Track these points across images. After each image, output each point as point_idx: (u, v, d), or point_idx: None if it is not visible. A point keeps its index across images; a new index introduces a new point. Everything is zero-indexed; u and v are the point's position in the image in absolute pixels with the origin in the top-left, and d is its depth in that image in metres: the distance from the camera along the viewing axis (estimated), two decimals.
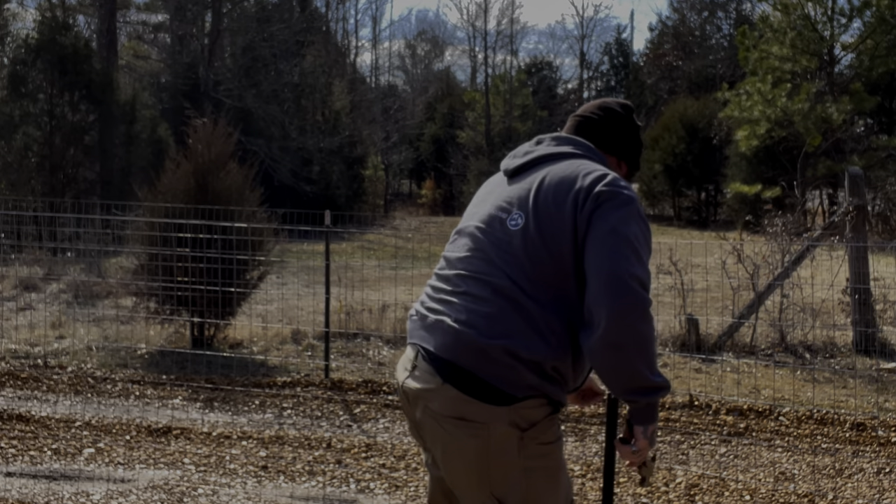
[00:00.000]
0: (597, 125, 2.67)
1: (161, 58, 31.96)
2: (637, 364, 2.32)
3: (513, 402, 2.35)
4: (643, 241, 2.39)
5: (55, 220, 11.49)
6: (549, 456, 2.47)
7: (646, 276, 2.34)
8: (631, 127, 2.71)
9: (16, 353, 8.06)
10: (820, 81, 22.58)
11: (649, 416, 2.38)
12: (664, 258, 8.81)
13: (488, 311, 2.37)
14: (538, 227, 2.40)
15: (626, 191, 2.43)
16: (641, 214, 2.43)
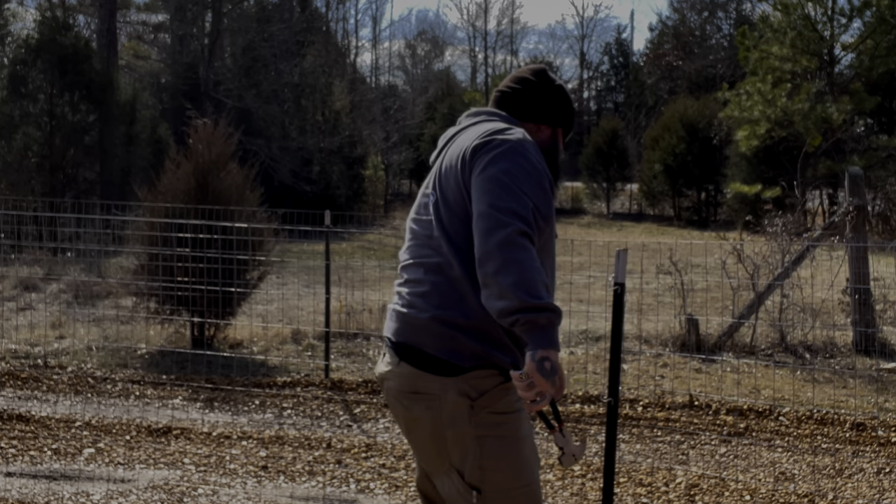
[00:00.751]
0: (511, 97, 2.75)
1: (161, 58, 31.97)
2: (509, 286, 2.30)
3: (460, 373, 2.47)
4: (518, 172, 2.42)
5: (55, 220, 11.49)
6: (503, 425, 2.51)
7: (517, 205, 2.37)
8: (544, 91, 2.75)
9: (16, 353, 8.06)
10: (820, 81, 22.58)
11: (537, 341, 2.30)
12: (664, 258, 8.81)
13: (423, 289, 2.53)
14: (444, 199, 2.54)
15: (502, 135, 2.50)
16: (520, 150, 2.47)
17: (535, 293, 2.30)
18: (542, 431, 6.05)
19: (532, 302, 2.29)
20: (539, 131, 2.72)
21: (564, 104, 2.79)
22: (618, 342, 3.42)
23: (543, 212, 2.44)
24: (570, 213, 33.69)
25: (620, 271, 3.40)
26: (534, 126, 2.71)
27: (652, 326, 8.81)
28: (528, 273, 2.31)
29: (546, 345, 2.31)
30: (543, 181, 2.47)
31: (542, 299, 2.30)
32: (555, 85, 2.76)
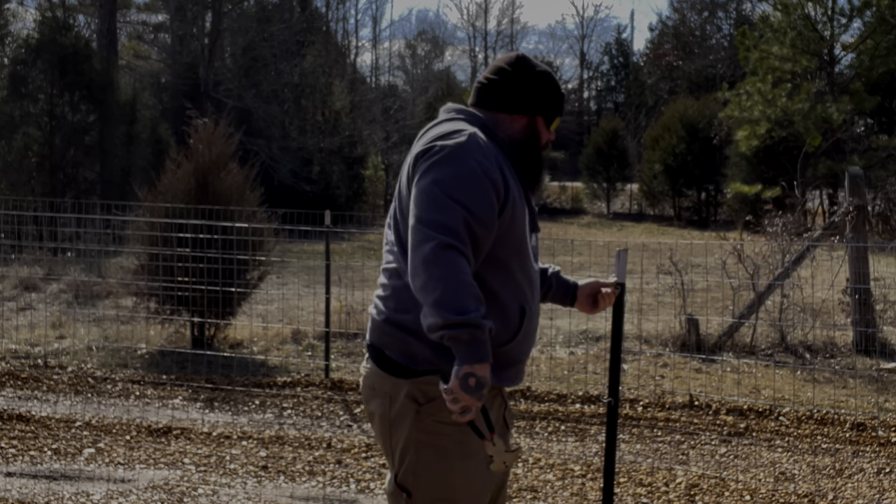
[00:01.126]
0: (487, 88, 2.67)
1: (161, 58, 31.97)
2: (431, 303, 2.29)
3: (412, 376, 2.50)
4: (451, 181, 2.37)
5: (55, 220, 11.49)
6: (445, 436, 2.48)
7: (444, 217, 2.33)
8: (521, 79, 2.66)
9: (16, 353, 8.06)
10: (820, 81, 22.58)
11: (461, 357, 2.29)
12: (664, 258, 8.81)
13: (384, 293, 2.58)
14: (399, 205, 2.56)
15: (445, 140, 2.44)
16: (457, 156, 2.41)
17: (457, 309, 2.27)
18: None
19: (453, 319, 2.27)
20: (513, 122, 2.63)
21: (543, 90, 2.67)
22: (618, 342, 3.42)
23: (483, 217, 2.38)
24: (570, 213, 33.69)
25: (620, 271, 3.40)
26: (507, 117, 2.62)
27: (652, 326, 8.81)
28: (450, 289, 2.28)
29: (470, 360, 2.29)
30: (483, 185, 2.40)
31: (464, 315, 2.27)
32: (534, 72, 2.67)
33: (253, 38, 27.65)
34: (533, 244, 2.66)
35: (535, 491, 4.91)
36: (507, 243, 2.50)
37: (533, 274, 2.61)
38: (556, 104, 2.70)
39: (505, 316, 2.51)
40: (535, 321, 2.63)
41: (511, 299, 2.52)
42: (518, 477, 5.12)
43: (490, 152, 2.48)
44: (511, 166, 2.55)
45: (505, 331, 2.51)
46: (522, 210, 2.54)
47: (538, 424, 6.16)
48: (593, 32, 71.51)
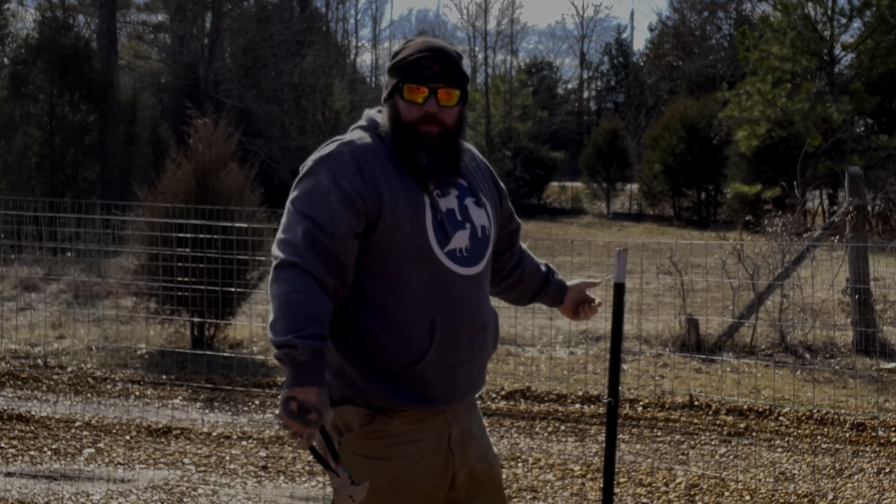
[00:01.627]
0: None
1: (161, 58, 31.98)
2: (269, 324, 2.22)
3: (333, 405, 2.31)
4: (302, 195, 2.31)
5: (55, 220, 11.48)
6: (360, 469, 2.32)
7: (289, 235, 2.28)
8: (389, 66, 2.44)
9: (16, 353, 8.06)
10: (820, 81, 22.59)
11: (286, 379, 2.17)
12: (664, 258, 8.81)
13: None
14: None
15: (312, 156, 2.37)
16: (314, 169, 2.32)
17: (281, 329, 2.16)
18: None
19: (275, 340, 2.17)
20: (387, 112, 2.40)
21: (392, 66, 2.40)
22: (618, 342, 3.42)
23: (331, 230, 2.25)
24: (570, 213, 33.69)
25: (620, 271, 3.40)
26: (385, 106, 2.41)
27: (652, 326, 8.81)
28: (279, 309, 2.19)
29: (290, 383, 2.15)
30: (332, 197, 2.26)
31: (284, 335, 2.15)
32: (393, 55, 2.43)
33: (253, 38, 27.66)
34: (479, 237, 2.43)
35: (534, 491, 4.91)
36: (397, 253, 2.32)
37: (451, 279, 2.36)
38: (399, 70, 2.37)
39: (407, 333, 2.31)
40: (459, 334, 2.37)
41: (414, 313, 2.32)
42: (518, 477, 5.12)
43: (357, 160, 2.32)
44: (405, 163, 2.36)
45: (409, 349, 2.31)
46: (416, 216, 2.32)
47: (538, 424, 6.16)
48: (593, 32, 71.61)
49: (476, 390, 2.51)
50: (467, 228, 2.40)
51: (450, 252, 2.36)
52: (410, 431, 2.35)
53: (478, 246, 2.43)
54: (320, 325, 2.19)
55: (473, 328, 2.41)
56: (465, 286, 2.39)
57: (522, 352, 8.23)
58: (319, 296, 2.22)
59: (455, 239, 2.37)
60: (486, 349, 2.50)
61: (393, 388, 2.32)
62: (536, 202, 35.64)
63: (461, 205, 2.42)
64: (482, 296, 2.47)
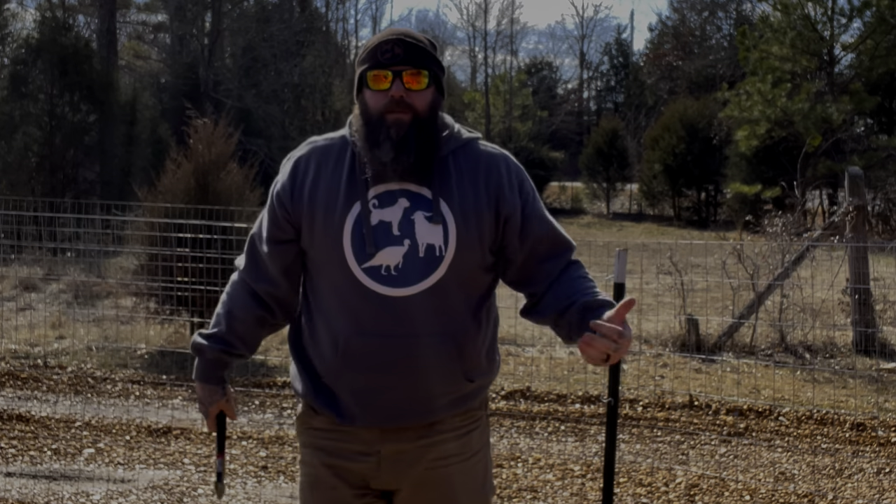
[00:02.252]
0: None
1: (161, 58, 31.98)
2: None
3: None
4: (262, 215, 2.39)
5: (55, 220, 11.48)
6: (303, 463, 2.46)
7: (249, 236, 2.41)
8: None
9: (16, 353, 8.06)
10: (820, 81, 22.60)
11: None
12: (664, 258, 8.81)
13: None
14: None
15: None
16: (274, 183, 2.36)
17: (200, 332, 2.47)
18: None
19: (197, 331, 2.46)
20: (357, 106, 2.27)
21: (361, 56, 2.26)
22: None
23: (262, 234, 2.33)
24: (569, 213, 33.68)
25: (620, 271, 3.40)
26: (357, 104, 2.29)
27: (652, 326, 8.81)
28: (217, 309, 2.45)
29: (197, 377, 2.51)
30: (270, 204, 2.32)
31: (193, 339, 2.46)
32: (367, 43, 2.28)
33: (253, 38, 27.67)
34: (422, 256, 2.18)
35: (534, 491, 4.91)
36: (316, 263, 2.26)
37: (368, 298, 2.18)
38: (365, 61, 2.22)
39: (320, 344, 2.28)
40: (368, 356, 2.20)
41: (325, 327, 2.26)
42: (518, 477, 5.12)
43: (300, 166, 2.26)
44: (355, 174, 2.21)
45: (320, 360, 2.30)
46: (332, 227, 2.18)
47: (538, 424, 6.16)
48: (593, 32, 71.60)
49: (412, 420, 2.27)
50: (404, 245, 2.17)
51: (370, 269, 2.17)
52: (332, 431, 2.33)
53: (416, 266, 2.17)
54: (221, 327, 2.42)
55: (390, 354, 2.19)
56: (389, 307, 2.17)
57: (522, 352, 8.23)
58: (242, 302, 2.38)
59: (381, 255, 2.16)
60: (422, 379, 2.22)
61: (315, 390, 2.33)
62: None
63: (406, 218, 2.18)
64: (421, 320, 2.19)
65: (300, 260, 2.32)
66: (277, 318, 2.40)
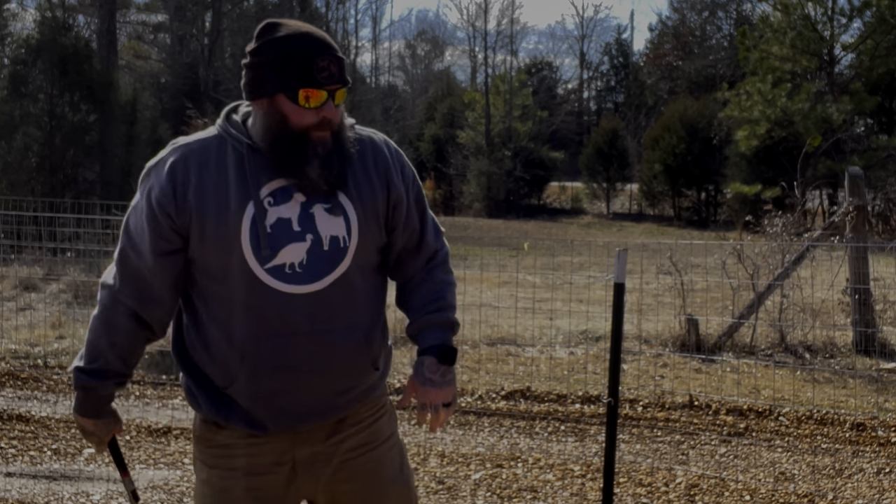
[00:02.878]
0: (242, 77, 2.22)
1: (161, 58, 32.00)
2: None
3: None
4: (128, 214, 2.21)
5: (55, 220, 11.49)
6: (197, 473, 2.38)
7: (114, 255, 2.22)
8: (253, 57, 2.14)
9: (16, 353, 8.06)
10: (820, 81, 22.61)
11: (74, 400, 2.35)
12: (664, 258, 8.81)
13: None
14: None
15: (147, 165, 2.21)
16: (140, 184, 2.18)
17: (79, 355, 2.28)
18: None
19: (72, 365, 2.30)
20: (259, 108, 2.14)
21: (280, 61, 2.09)
22: (618, 342, 3.42)
23: (135, 244, 2.16)
24: (569, 213, 33.70)
25: (620, 271, 3.40)
26: (255, 104, 2.15)
27: (652, 326, 8.81)
28: (87, 334, 2.28)
29: (74, 406, 2.32)
30: (141, 210, 2.15)
31: (76, 363, 2.27)
32: (270, 40, 2.11)
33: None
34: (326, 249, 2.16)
35: (534, 491, 4.91)
36: (210, 269, 2.15)
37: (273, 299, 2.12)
38: (292, 74, 2.08)
39: (219, 352, 2.18)
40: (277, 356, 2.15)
41: (225, 334, 2.16)
42: (518, 477, 5.12)
43: (177, 168, 2.13)
44: (245, 171, 2.12)
45: (223, 370, 2.19)
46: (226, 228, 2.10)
47: (538, 424, 6.16)
48: (593, 32, 71.58)
49: (325, 417, 2.24)
50: (307, 241, 2.12)
51: (274, 268, 2.10)
52: (241, 446, 2.24)
53: (322, 259, 2.13)
54: (106, 360, 2.23)
55: (300, 352, 2.14)
56: (296, 306, 2.12)
57: (522, 352, 8.23)
58: (124, 326, 2.20)
59: (283, 253, 2.10)
60: (334, 375, 2.20)
61: (217, 404, 2.24)
62: (536, 202, 35.68)
63: (304, 213, 2.13)
64: (329, 314, 2.16)
65: (185, 270, 2.18)
66: (157, 335, 2.29)
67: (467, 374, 7.44)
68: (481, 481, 5.01)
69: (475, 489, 4.89)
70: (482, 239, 19.18)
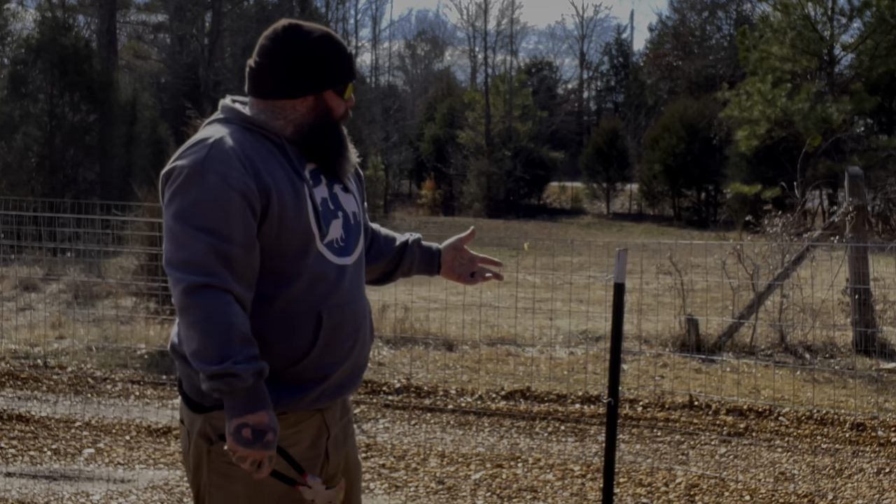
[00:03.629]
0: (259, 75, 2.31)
1: (161, 58, 32.00)
2: (191, 356, 2.11)
3: (202, 411, 2.23)
4: (191, 208, 2.12)
5: (55, 220, 11.49)
6: (232, 478, 2.21)
7: (188, 254, 2.10)
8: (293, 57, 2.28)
9: (16, 353, 8.06)
10: (820, 81, 22.62)
11: (228, 409, 2.08)
12: (664, 258, 8.81)
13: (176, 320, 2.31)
14: None
15: (184, 158, 2.18)
16: (196, 176, 2.13)
17: (212, 359, 2.06)
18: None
19: (209, 370, 2.06)
20: (297, 106, 2.28)
21: (323, 61, 2.28)
22: (618, 342, 3.42)
23: (236, 237, 2.12)
24: (569, 213, 33.71)
25: (620, 271, 3.40)
26: (289, 102, 2.27)
27: (652, 326, 8.81)
28: (203, 336, 2.07)
29: (237, 412, 2.07)
30: (229, 201, 2.12)
31: (220, 364, 2.05)
32: (307, 43, 2.28)
33: (253, 38, 27.64)
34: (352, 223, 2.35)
35: (534, 491, 4.91)
36: (283, 249, 2.21)
37: (333, 271, 2.27)
38: (341, 70, 2.30)
39: (291, 330, 2.22)
40: (344, 326, 2.29)
41: (298, 309, 2.23)
42: (518, 477, 5.12)
43: (240, 156, 2.17)
44: (288, 157, 2.25)
45: (293, 348, 2.22)
46: (300, 208, 2.22)
47: (538, 424, 6.16)
48: (593, 33, 71.52)
49: (355, 387, 2.40)
50: (340, 217, 2.32)
51: (328, 243, 2.27)
52: (287, 436, 2.23)
53: (351, 234, 2.34)
54: (253, 343, 2.11)
55: (356, 319, 2.33)
56: (344, 277, 2.30)
57: (522, 352, 8.23)
58: (240, 314, 2.11)
59: (332, 229, 2.29)
60: (367, 341, 2.39)
61: (270, 390, 2.19)
62: (536, 202, 35.68)
63: (331, 193, 2.33)
64: (361, 285, 2.39)
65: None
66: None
67: (467, 374, 7.44)
68: (481, 481, 5.01)
69: (475, 489, 4.89)
70: (482, 239, 19.19)
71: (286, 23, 2.33)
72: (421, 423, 6.19)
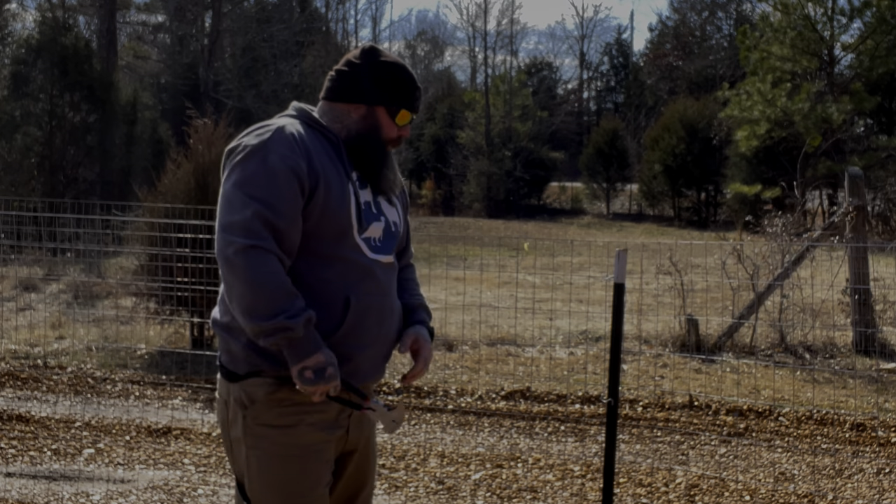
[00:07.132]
0: (332, 80, 2.61)
1: (161, 58, 32.00)
2: (240, 314, 2.34)
3: (237, 380, 2.47)
4: (249, 179, 2.37)
5: (55, 220, 11.48)
6: (267, 439, 2.46)
7: (239, 217, 2.33)
8: (363, 69, 2.58)
9: (16, 353, 8.06)
10: (820, 81, 22.61)
11: (289, 358, 2.33)
12: (664, 258, 8.81)
13: (219, 297, 2.54)
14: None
15: (249, 137, 2.45)
16: (257, 153, 2.40)
17: (265, 314, 2.29)
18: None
19: (263, 325, 2.30)
20: (351, 112, 2.56)
21: (384, 80, 2.57)
22: (618, 342, 3.42)
23: (284, 210, 2.35)
24: (569, 213, 33.70)
25: (620, 271, 3.40)
26: (345, 107, 2.57)
27: (652, 326, 8.81)
28: (255, 293, 2.30)
29: (297, 359, 2.33)
30: (283, 178, 2.37)
31: (273, 319, 2.28)
32: (377, 62, 2.58)
33: (253, 38, 27.68)
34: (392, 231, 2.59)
35: (534, 491, 4.91)
36: (322, 233, 2.44)
37: (367, 263, 2.51)
38: (398, 94, 2.59)
39: (320, 308, 2.42)
40: (370, 314, 2.51)
41: (330, 290, 2.45)
42: (518, 477, 5.12)
43: (297, 143, 2.44)
44: (341, 157, 2.51)
45: (321, 324, 2.42)
46: (343, 200, 2.46)
47: (538, 425, 6.16)
48: (593, 33, 71.57)
49: (379, 376, 2.60)
50: (382, 221, 2.56)
51: (366, 238, 2.51)
52: (316, 402, 2.42)
53: (389, 239, 2.59)
54: (298, 295, 2.34)
55: (384, 311, 2.54)
56: (378, 271, 2.53)
57: (522, 352, 8.23)
58: (284, 273, 2.35)
59: (371, 228, 2.53)
60: (393, 334, 2.59)
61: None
62: (536, 202, 35.67)
63: (375, 200, 2.57)
64: (392, 285, 2.60)
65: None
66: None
67: (467, 374, 7.44)
68: (481, 481, 5.01)
69: (475, 489, 4.90)
70: (482, 239, 19.17)
71: (369, 44, 2.63)
72: (421, 424, 6.20)
